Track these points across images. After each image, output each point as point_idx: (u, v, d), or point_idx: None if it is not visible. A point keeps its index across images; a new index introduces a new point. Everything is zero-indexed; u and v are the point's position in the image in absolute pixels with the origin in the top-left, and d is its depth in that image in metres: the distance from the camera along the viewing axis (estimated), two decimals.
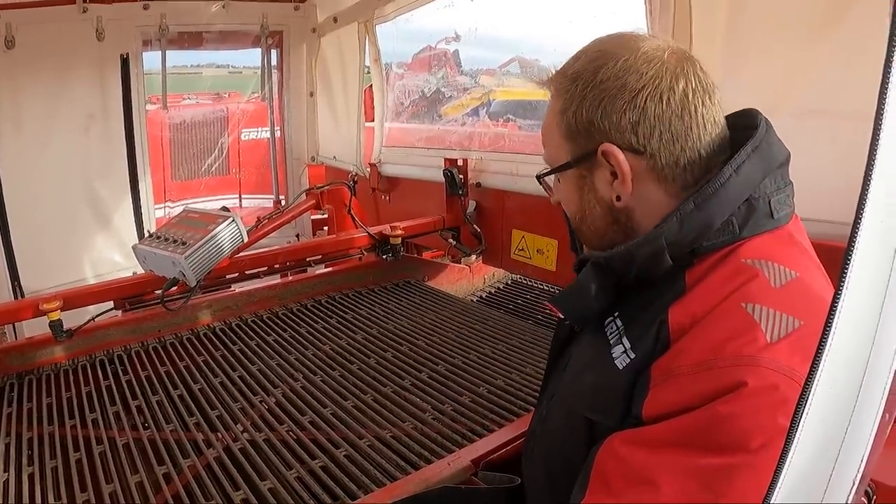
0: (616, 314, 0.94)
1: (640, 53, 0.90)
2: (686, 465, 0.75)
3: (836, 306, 0.52)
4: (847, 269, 0.51)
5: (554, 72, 1.01)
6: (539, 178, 1.09)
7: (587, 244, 1.06)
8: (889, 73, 0.47)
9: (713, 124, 0.91)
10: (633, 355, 0.86)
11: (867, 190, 0.50)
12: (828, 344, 0.52)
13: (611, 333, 0.93)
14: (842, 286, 0.52)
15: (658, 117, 0.88)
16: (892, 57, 0.47)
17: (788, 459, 0.54)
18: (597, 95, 0.90)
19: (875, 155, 0.49)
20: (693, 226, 0.86)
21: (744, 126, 0.94)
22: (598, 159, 0.93)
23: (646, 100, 0.88)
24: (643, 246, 0.88)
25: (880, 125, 0.48)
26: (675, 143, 0.89)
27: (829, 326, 0.52)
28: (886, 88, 0.48)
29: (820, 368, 0.52)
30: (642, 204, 0.93)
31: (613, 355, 0.89)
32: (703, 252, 0.87)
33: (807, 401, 0.53)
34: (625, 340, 0.89)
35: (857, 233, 0.51)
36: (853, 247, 0.51)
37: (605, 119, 0.90)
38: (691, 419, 0.75)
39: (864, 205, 0.50)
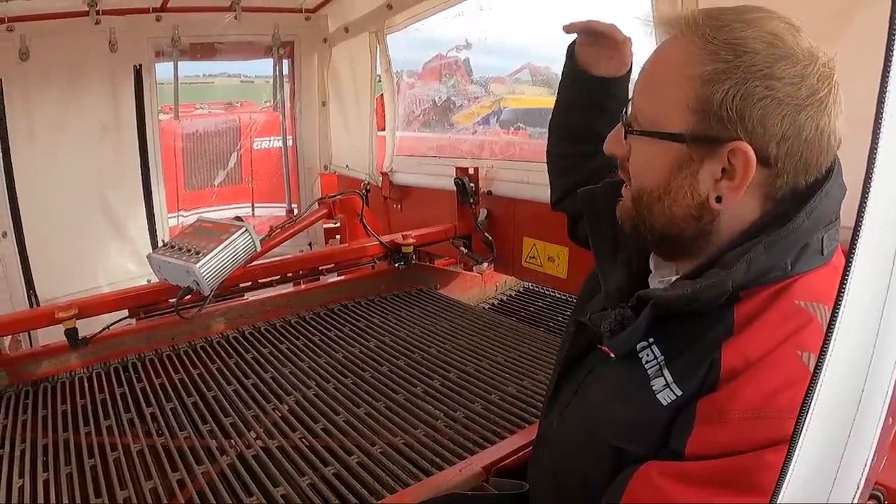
0: (651, 340, 0.88)
1: (819, 65, 0.79)
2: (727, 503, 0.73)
3: (837, 312, 0.52)
4: (848, 274, 0.52)
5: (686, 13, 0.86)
6: (628, 130, 0.92)
7: (643, 223, 0.93)
8: (887, 81, 0.48)
9: (832, 158, 0.85)
10: (679, 393, 0.82)
11: (866, 197, 0.50)
12: (829, 350, 0.52)
13: (648, 362, 0.87)
14: (843, 291, 0.52)
15: (806, 142, 0.80)
16: (889, 64, 0.48)
17: (792, 464, 0.54)
18: (763, 89, 0.78)
19: (874, 163, 0.49)
20: (758, 269, 0.81)
21: None
22: (718, 150, 0.82)
23: (806, 120, 0.79)
24: (710, 290, 0.82)
25: (878, 134, 0.49)
26: (804, 171, 0.82)
27: (831, 332, 0.52)
28: (884, 97, 0.48)
29: (822, 374, 0.53)
30: (734, 212, 0.85)
31: (654, 388, 0.84)
32: (752, 286, 0.83)
33: (810, 406, 0.53)
34: (666, 374, 0.84)
35: (857, 239, 0.51)
36: (853, 253, 0.51)
37: (760, 118, 0.79)
38: (737, 462, 0.73)
39: (863, 212, 0.50)
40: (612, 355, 0.93)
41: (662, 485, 0.78)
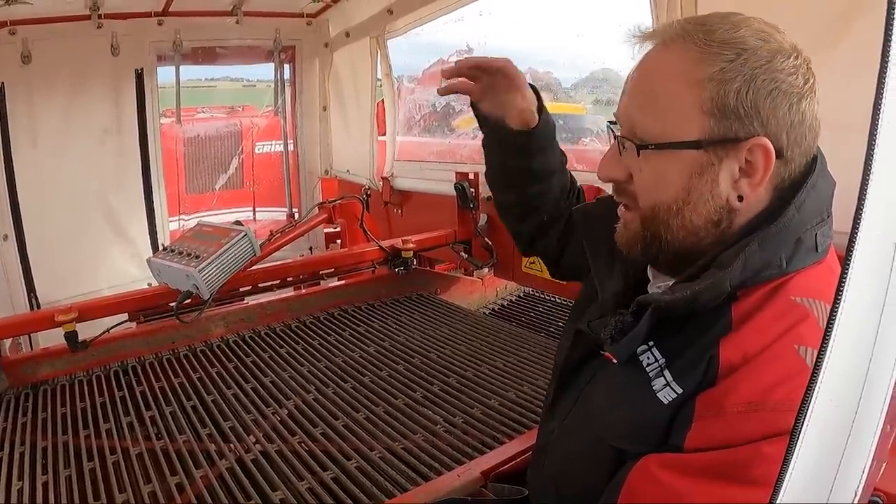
0: (651, 343, 0.88)
1: (804, 57, 0.84)
2: (724, 494, 0.74)
3: (834, 317, 0.52)
4: (845, 279, 0.52)
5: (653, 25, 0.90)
6: (641, 147, 0.89)
7: (657, 241, 0.93)
8: (883, 85, 0.48)
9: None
10: (679, 391, 0.82)
11: (863, 201, 0.50)
12: (826, 355, 0.52)
13: (648, 365, 0.87)
14: (840, 297, 0.52)
15: (809, 127, 0.84)
16: (885, 69, 0.48)
17: (789, 471, 0.54)
18: (769, 82, 0.81)
19: (870, 168, 0.49)
20: (754, 266, 0.82)
21: None
22: (737, 149, 0.83)
23: (806, 108, 0.83)
24: (709, 290, 0.82)
25: (875, 138, 0.49)
26: (804, 156, 0.86)
27: (828, 337, 0.52)
28: (881, 102, 0.48)
29: (819, 380, 0.52)
30: (748, 208, 0.87)
31: (655, 388, 0.85)
32: (749, 284, 0.84)
33: (806, 413, 0.53)
34: (666, 374, 0.85)
35: (854, 244, 0.51)
36: (850, 258, 0.51)
37: (771, 110, 0.81)
38: (734, 454, 0.74)
39: (860, 217, 0.50)
40: (615, 361, 0.93)
41: (661, 476, 0.80)
